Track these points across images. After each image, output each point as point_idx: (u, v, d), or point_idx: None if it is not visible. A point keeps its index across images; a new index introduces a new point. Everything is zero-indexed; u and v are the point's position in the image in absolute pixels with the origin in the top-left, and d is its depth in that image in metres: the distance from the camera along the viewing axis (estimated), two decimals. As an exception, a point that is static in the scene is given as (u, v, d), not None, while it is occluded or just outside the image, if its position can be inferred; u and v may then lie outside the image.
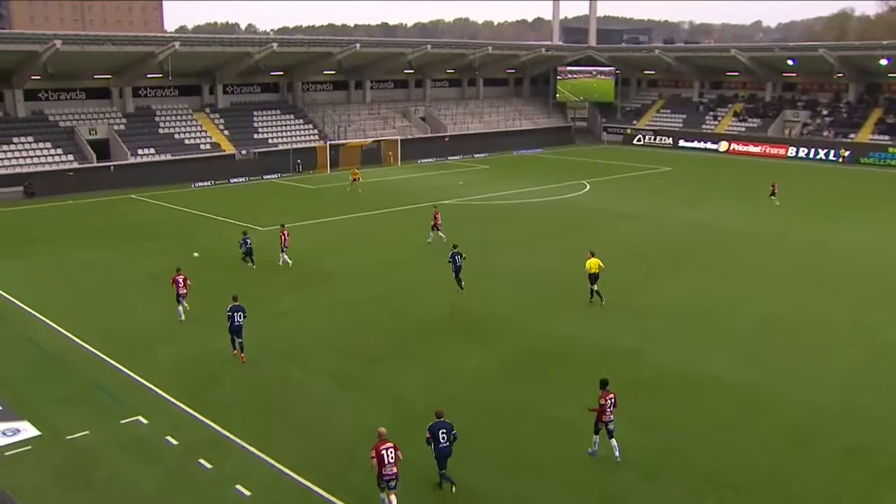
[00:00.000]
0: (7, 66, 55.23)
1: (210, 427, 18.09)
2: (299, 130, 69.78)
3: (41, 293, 28.74)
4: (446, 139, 75.83)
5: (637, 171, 63.08)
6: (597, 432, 16.61)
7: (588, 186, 54.59)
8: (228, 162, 61.79)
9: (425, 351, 22.86)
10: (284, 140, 67.23)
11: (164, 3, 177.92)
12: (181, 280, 25.76)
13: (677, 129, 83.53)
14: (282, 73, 71.54)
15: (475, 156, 73.25)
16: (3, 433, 17.74)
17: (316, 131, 70.48)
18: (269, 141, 66.76)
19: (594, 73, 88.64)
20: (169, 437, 17.54)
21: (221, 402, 19.43)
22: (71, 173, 54.38)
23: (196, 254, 32.24)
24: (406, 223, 40.84)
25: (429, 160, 69.84)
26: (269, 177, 59.93)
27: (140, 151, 59.26)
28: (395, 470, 14.41)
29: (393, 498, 14.47)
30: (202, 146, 62.71)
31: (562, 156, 75.15)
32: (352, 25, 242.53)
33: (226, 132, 65.43)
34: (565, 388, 20.18)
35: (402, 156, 67.82)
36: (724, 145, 78.16)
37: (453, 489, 15.45)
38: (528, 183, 55.51)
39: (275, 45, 63.67)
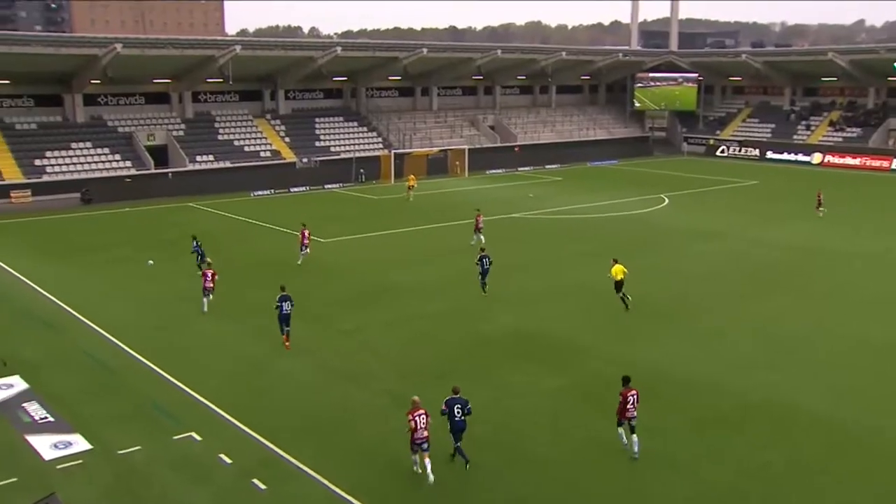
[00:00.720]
0: (68, 70, 57.44)
1: (265, 446, 18.31)
2: (362, 138, 70.66)
3: (97, 303, 29.61)
4: (516, 149, 75.80)
5: (720, 185, 61.95)
6: (619, 425, 17.88)
7: (666, 201, 53.83)
8: (289, 170, 62.91)
9: (491, 372, 22.76)
10: (347, 148, 68.13)
11: (225, 4, 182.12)
12: (209, 274, 28.50)
13: (765, 139, 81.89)
14: (345, 78, 72.61)
15: (546, 167, 73.00)
16: (55, 446, 18.29)
17: (380, 139, 71.25)
18: (331, 149, 67.73)
19: (680, 80, 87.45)
20: (223, 456, 17.81)
21: (278, 420, 19.65)
22: (128, 179, 56.09)
23: (150, 262, 34.93)
24: (471, 237, 40.79)
25: (497, 171, 69.87)
26: (330, 186, 60.70)
27: (198, 158, 60.84)
28: (426, 434, 16.65)
29: (427, 460, 16.64)
30: (262, 153, 64.01)
31: (638, 168, 74.32)
32: (418, 29, 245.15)
33: (287, 139, 66.67)
34: (641, 422, 19.76)
35: (469, 166, 67.99)
36: (817, 157, 76.26)
37: (467, 466, 17.12)
38: (602, 196, 55.02)
39: (339, 49, 64.74)
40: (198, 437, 18.69)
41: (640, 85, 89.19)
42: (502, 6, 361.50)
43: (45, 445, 18.31)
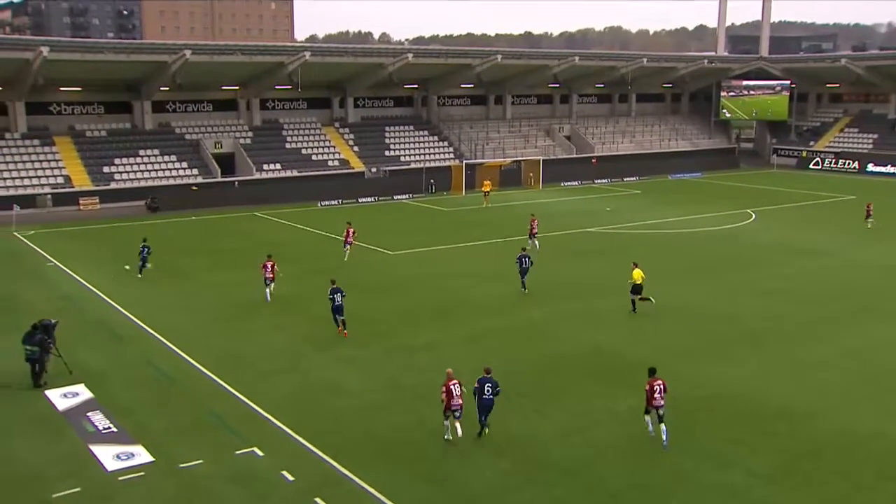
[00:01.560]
0: (138, 77, 59.35)
1: (329, 464, 18.41)
2: (433, 148, 71.06)
3: (163, 314, 30.30)
4: (593, 160, 75.26)
5: (813, 200, 60.34)
6: (647, 413, 19.42)
7: (754, 216, 52.70)
8: (357, 180, 63.63)
9: (566, 393, 22.53)
10: (417, 158, 68.59)
11: (295, 10, 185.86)
12: (269, 266, 31.58)
13: (866, 150, 79.61)
14: (416, 86, 73.23)
15: (625, 179, 72.26)
16: (118, 457, 18.73)
17: (451, 149, 71.55)
18: (401, 159, 68.27)
19: (778, 88, 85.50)
20: (285, 473, 17.97)
21: (344, 438, 19.75)
22: (194, 188, 57.46)
23: (127, 266, 36.64)
24: (546, 251, 40.60)
25: (573, 183, 69.43)
26: (399, 197, 61.12)
27: (266, 167, 61.99)
28: (460, 402, 19.31)
29: (458, 425, 19.33)
30: (330, 163, 64.90)
31: (724, 181, 72.96)
32: (492, 35, 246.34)
33: (355, 148, 67.48)
34: (721, 449, 19.29)
35: (543, 178, 67.72)
36: (926, 171, 73.67)
37: (486, 431, 19.65)
38: (685, 211, 54.14)
39: (410, 55, 65.32)
40: (260, 453, 18.92)
41: (731, 94, 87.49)
42: (580, 11, 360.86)
43: (108, 456, 18.77)
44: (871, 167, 77.23)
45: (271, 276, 31.45)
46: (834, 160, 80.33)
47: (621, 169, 73.94)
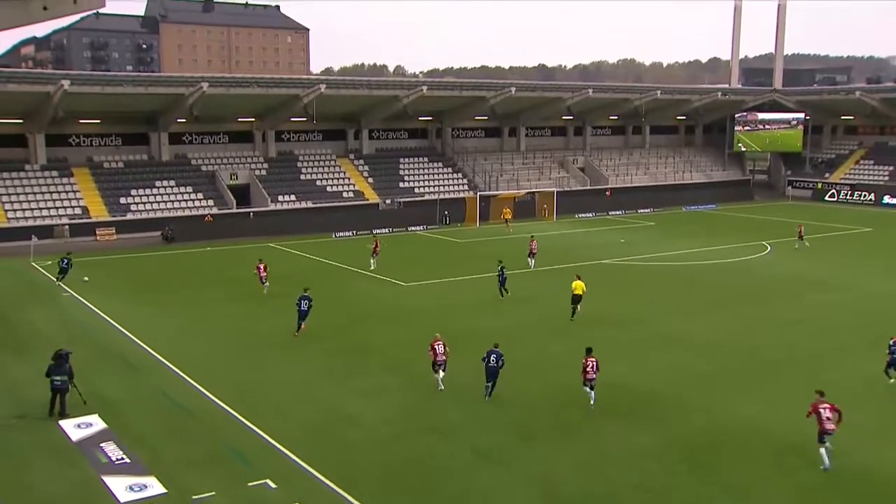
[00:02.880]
0: (155, 109, 59.99)
1: (343, 497, 18.25)
2: (447, 180, 71.28)
3: (177, 344, 30.33)
4: (607, 192, 75.30)
5: (829, 233, 60.05)
6: (584, 385, 23.48)
7: (769, 248, 52.45)
8: (372, 212, 63.82)
9: (581, 427, 22.32)
10: (431, 190, 68.81)
11: (310, 42, 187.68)
12: (261, 267, 38.37)
13: (882, 182, 79.35)
14: (430, 118, 73.64)
15: (639, 211, 72.20)
16: (131, 488, 18.64)
17: (465, 181, 71.75)
18: (416, 190, 68.49)
19: (794, 122, 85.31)
20: (298, 505, 17.86)
21: (357, 471, 19.61)
22: (209, 218, 57.75)
23: (86, 278, 40.13)
24: (561, 283, 40.46)
25: (587, 215, 69.39)
26: (413, 228, 61.24)
27: (280, 198, 62.29)
28: (444, 358, 24.82)
29: (441, 373, 24.78)
30: (345, 194, 65.17)
31: (738, 213, 72.77)
32: (506, 68, 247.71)
33: (370, 180, 67.76)
34: (741, 485, 19.04)
35: (557, 210, 67.78)
36: (944, 203, 73.29)
37: (492, 393, 24.11)
38: (700, 243, 53.95)
39: (424, 88, 65.77)
40: (273, 485, 18.79)
41: (747, 129, 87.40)
42: (594, 43, 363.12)
43: (121, 487, 18.69)
44: (887, 199, 76.90)
45: (265, 274, 38.42)
46: (850, 192, 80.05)
47: (635, 201, 73.88)
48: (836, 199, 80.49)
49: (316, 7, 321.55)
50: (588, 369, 23.57)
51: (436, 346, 24.79)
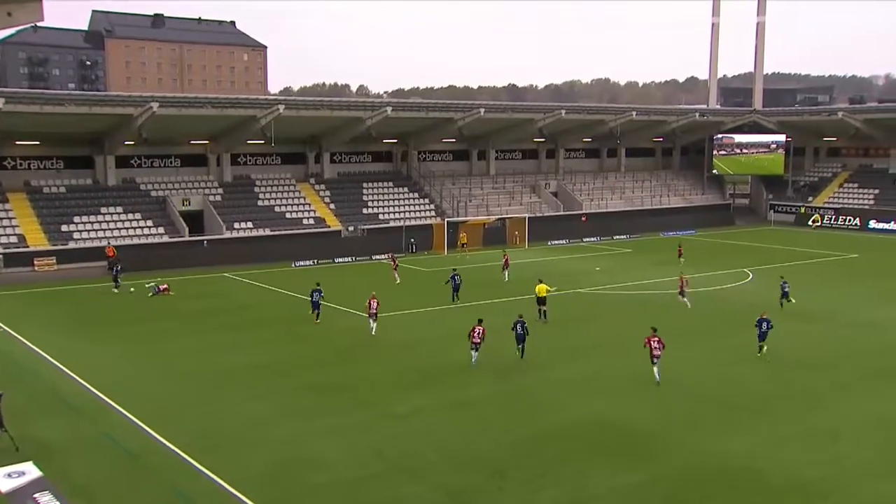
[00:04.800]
0: (100, 130, 59.32)
1: (305, 548, 17.86)
2: (414, 205, 71.20)
3: (125, 383, 29.72)
4: (582, 218, 75.64)
5: (813, 259, 60.72)
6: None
7: (751, 276, 52.90)
8: (334, 239, 63.53)
9: (559, 466, 22.08)
10: (397, 216, 68.68)
11: (268, 61, 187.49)
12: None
13: (867, 206, 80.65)
14: (395, 140, 73.65)
15: (615, 238, 72.59)
16: (74, 541, 18.06)
17: (432, 206, 71.72)
18: (380, 216, 68.33)
19: (773, 145, 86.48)
20: (257, 558, 17.39)
21: (319, 518, 19.23)
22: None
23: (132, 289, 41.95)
24: (536, 314, 40.38)
25: (560, 241, 69.58)
26: (378, 257, 60.95)
27: (237, 225, 61.77)
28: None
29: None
30: (305, 221, 64.79)
31: (718, 238, 73.46)
32: (475, 88, 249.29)
33: (332, 206, 67.48)
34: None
35: (529, 236, 67.91)
36: (931, 226, 74.49)
37: (522, 356, 31.80)
38: (678, 270, 54.14)
39: (389, 109, 65.80)
40: (230, 535, 18.33)
41: (723, 153, 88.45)
42: (566, 62, 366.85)
43: (61, 541, 18.09)
44: (872, 223, 78.06)
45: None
46: (834, 217, 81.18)
47: (611, 226, 74.34)
48: (819, 223, 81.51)
49: (274, 23, 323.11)
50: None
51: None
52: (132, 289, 47.75)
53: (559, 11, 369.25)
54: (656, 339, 29.15)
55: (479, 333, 31.12)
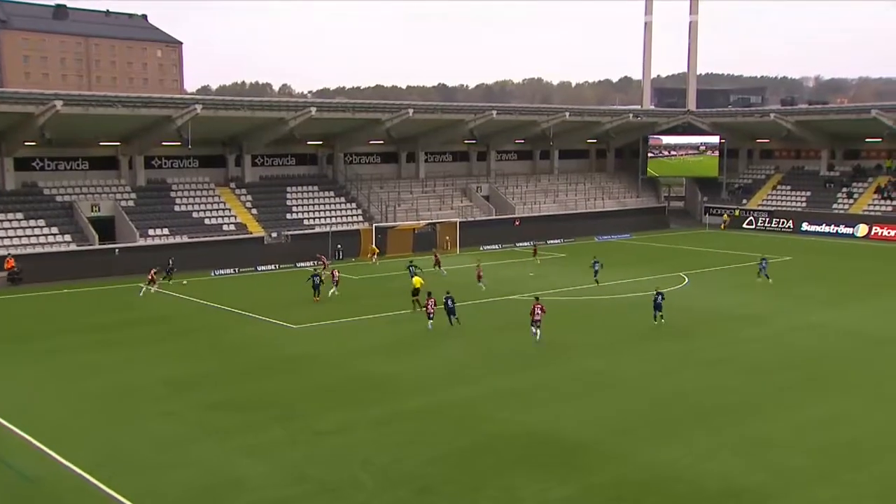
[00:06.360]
0: (-2, 130, 57.45)
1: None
2: (340, 210, 70.81)
3: (25, 403, 28.87)
4: (515, 222, 76.05)
5: (748, 262, 61.86)
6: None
7: (687, 280, 53.74)
8: (256, 246, 62.75)
9: (491, 480, 22.06)
10: (322, 221, 68.22)
11: (184, 58, 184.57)
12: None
13: (800, 209, 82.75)
14: (320, 142, 73.15)
15: (549, 242, 73.16)
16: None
17: (360, 211, 71.43)
18: (305, 222, 67.77)
19: (702, 147, 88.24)
20: (172, 588, 16.99)
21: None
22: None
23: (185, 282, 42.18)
24: (465, 322, 40.44)
25: (493, 247, 69.87)
26: (303, 264, 60.42)
27: (151, 232, 60.59)
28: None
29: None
30: (225, 227, 63.89)
31: (654, 242, 74.58)
32: (403, 87, 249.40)
33: (254, 211, 66.71)
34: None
35: (461, 241, 68.02)
36: (862, 229, 76.84)
37: (454, 322, 38.39)
38: (614, 275, 54.78)
39: (313, 109, 65.29)
40: (142, 564, 17.88)
41: (650, 155, 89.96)
42: (497, 62, 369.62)
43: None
44: (805, 226, 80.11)
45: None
46: (768, 219, 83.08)
47: (545, 231, 74.83)
48: (754, 226, 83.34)
49: (189, 18, 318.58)
50: (429, 305, 39.03)
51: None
52: (185, 281, 52.40)
53: (489, 9, 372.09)
54: (539, 306, 36.50)
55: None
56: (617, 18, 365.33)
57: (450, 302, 39.08)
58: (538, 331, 36.43)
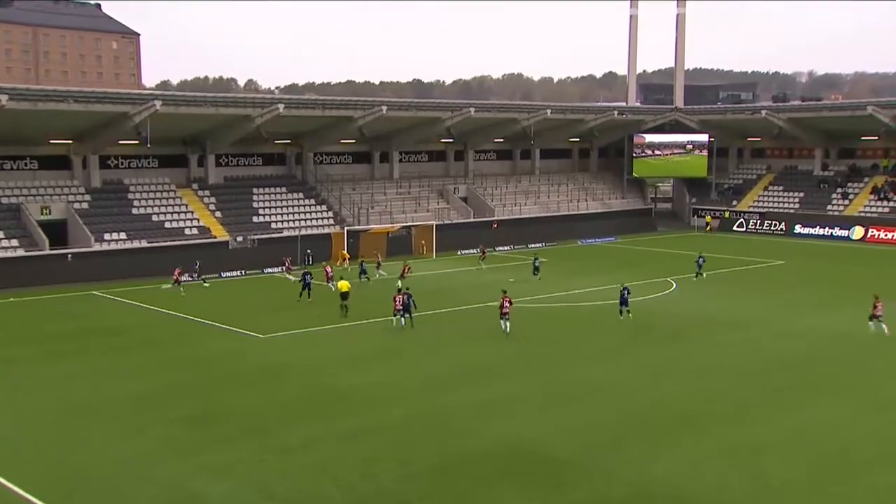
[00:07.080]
0: (-62, 127, 56.79)
1: None
2: (310, 213, 70.75)
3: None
4: (494, 224, 76.18)
5: (739, 266, 62.45)
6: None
7: (675, 285, 54.08)
8: (220, 251, 62.49)
9: (472, 497, 22.07)
10: (291, 225, 68.16)
11: (142, 51, 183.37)
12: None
13: (792, 210, 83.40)
14: (289, 141, 73.03)
15: (530, 246, 73.39)
16: None
17: (331, 214, 71.38)
18: (272, 225, 67.64)
19: (689, 146, 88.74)
20: None
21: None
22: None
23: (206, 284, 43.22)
24: (442, 331, 40.42)
25: (471, 251, 69.87)
26: (270, 270, 60.35)
27: (107, 236, 60.22)
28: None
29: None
30: (187, 231, 63.63)
31: (640, 245, 74.95)
32: (376, 83, 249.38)
33: (218, 214, 66.48)
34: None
35: (437, 245, 68.11)
36: (857, 231, 77.70)
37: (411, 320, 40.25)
38: (598, 280, 55.06)
39: (281, 106, 65.14)
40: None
41: (638, 155, 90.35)
42: (475, 56, 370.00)
43: None
44: (798, 228, 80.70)
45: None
46: (759, 221, 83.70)
47: (525, 234, 75.16)
48: (744, 228, 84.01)
49: (147, 8, 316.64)
50: (395, 300, 40.70)
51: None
52: (206, 283, 54.27)
53: (467, 1, 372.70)
54: (507, 298, 39.23)
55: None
56: (601, 11, 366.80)
57: (407, 299, 41.21)
58: (507, 323, 39.09)
